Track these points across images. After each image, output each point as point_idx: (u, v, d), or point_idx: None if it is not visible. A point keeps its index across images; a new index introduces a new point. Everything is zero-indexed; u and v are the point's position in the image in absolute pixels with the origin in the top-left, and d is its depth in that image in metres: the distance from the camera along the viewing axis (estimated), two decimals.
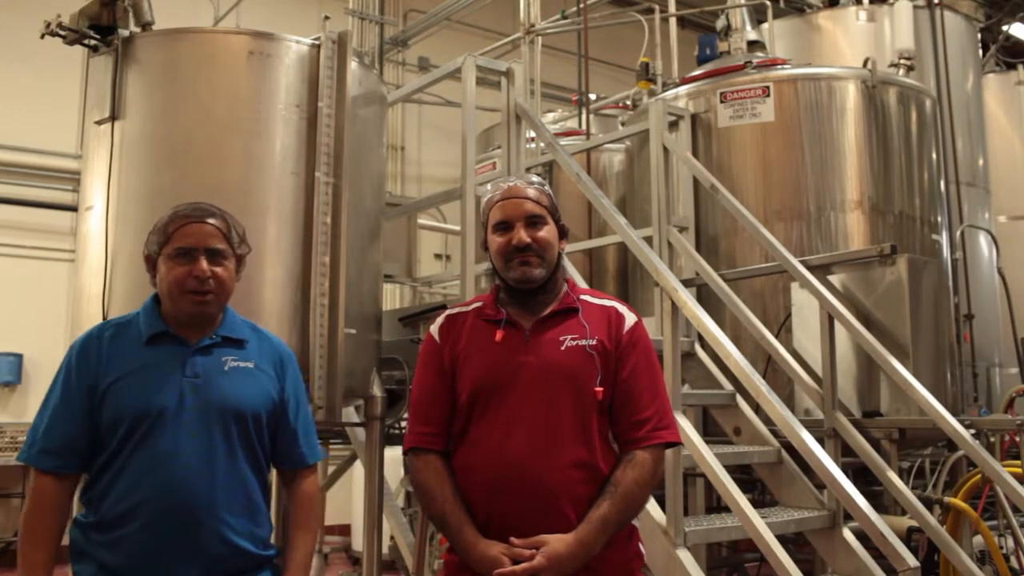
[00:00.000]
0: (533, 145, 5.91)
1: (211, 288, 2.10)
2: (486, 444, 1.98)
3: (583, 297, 2.14)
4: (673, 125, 5.13)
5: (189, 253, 2.09)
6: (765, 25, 6.75)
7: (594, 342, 2.04)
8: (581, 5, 7.40)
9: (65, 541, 2.09)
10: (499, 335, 2.04)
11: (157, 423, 2.03)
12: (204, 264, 2.09)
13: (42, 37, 3.70)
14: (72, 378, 2.09)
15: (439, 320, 2.17)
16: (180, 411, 2.05)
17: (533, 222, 2.07)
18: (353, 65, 3.81)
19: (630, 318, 2.12)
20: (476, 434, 2.00)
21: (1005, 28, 9.20)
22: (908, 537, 3.65)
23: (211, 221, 2.14)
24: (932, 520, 3.59)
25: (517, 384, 1.99)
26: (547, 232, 2.08)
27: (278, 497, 3.68)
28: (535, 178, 2.18)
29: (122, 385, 2.06)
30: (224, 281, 2.14)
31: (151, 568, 2.00)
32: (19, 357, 8.01)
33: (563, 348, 2.03)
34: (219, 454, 2.07)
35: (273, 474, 2.33)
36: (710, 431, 4.34)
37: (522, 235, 2.04)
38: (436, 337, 2.14)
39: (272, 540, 2.25)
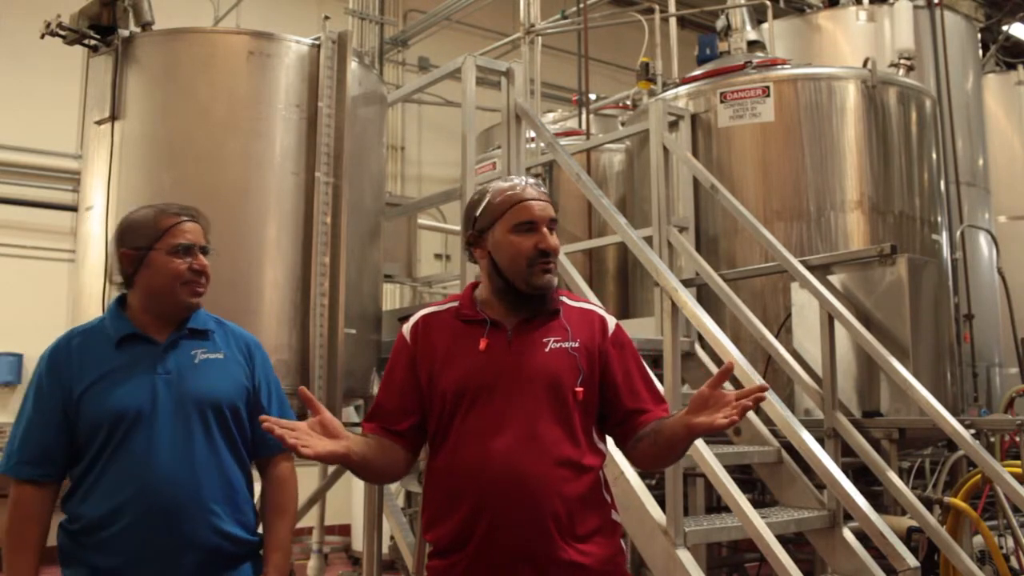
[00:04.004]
0: (533, 145, 5.91)
1: (204, 282, 2.20)
2: (472, 445, 1.97)
3: (561, 299, 2.14)
4: (673, 125, 5.13)
5: (188, 249, 2.17)
6: (765, 25, 6.76)
7: (576, 344, 2.05)
8: (581, 5, 7.40)
9: (51, 542, 2.09)
10: (483, 338, 2.02)
11: (136, 423, 2.06)
12: (203, 259, 2.19)
13: (42, 37, 3.70)
14: (44, 388, 2.11)
15: (412, 320, 2.14)
16: (156, 408, 2.08)
17: (550, 227, 2.06)
18: (353, 65, 3.82)
19: (611, 321, 2.15)
20: (460, 435, 1.99)
21: (1005, 28, 9.20)
22: (908, 537, 3.65)
23: (200, 220, 2.24)
24: (932, 520, 3.59)
25: (502, 386, 1.98)
26: (556, 239, 2.08)
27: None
28: (532, 179, 2.15)
29: (97, 389, 2.08)
30: (209, 276, 2.23)
31: (145, 564, 2.01)
32: (19, 357, 8.01)
33: (547, 350, 2.03)
34: (198, 445, 2.10)
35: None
36: None
37: (552, 241, 2.03)
38: (407, 338, 2.11)
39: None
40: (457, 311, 2.11)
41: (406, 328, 2.13)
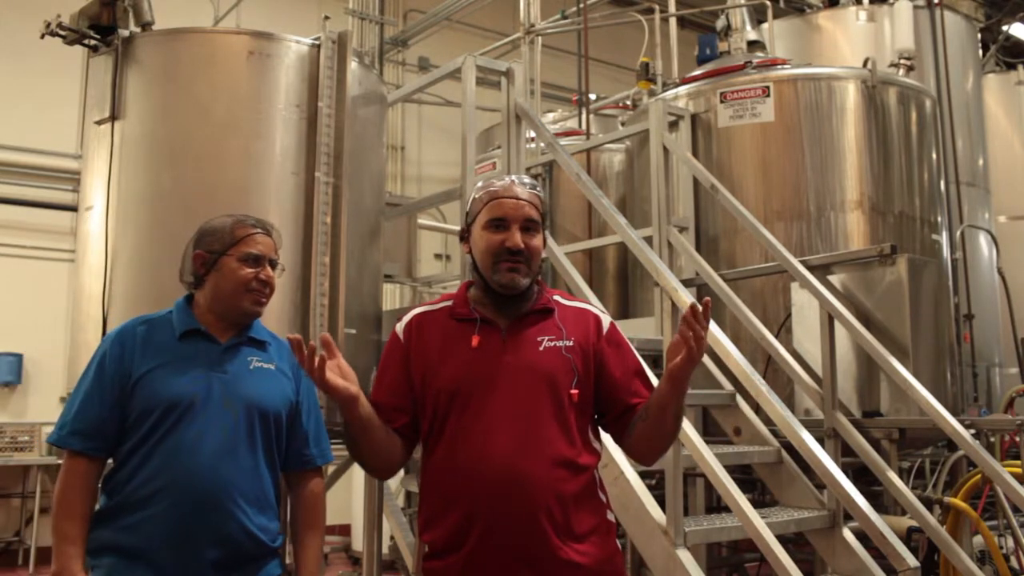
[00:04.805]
0: (533, 145, 5.91)
1: (268, 292, 2.30)
2: (468, 444, 1.96)
3: (555, 298, 2.14)
4: (673, 125, 5.13)
5: (258, 259, 2.27)
6: (765, 25, 6.76)
7: (571, 343, 2.05)
8: (581, 5, 7.41)
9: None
10: (476, 336, 2.02)
11: (186, 412, 2.14)
12: (270, 270, 2.29)
13: (42, 37, 3.70)
14: (105, 367, 2.19)
15: (405, 319, 2.14)
16: (208, 402, 2.16)
17: (527, 227, 2.04)
18: (353, 65, 3.81)
19: (606, 320, 2.15)
20: (456, 435, 1.99)
21: (1005, 28, 9.20)
22: (908, 537, 3.66)
23: (273, 235, 2.34)
24: (932, 520, 3.59)
25: (497, 384, 1.98)
26: (538, 241, 2.07)
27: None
28: (528, 179, 2.14)
29: (154, 376, 2.17)
30: (274, 288, 2.32)
31: (171, 549, 2.08)
32: (19, 357, 8.01)
33: (541, 349, 2.03)
34: (241, 446, 2.18)
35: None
36: (710, 431, 4.35)
37: (517, 239, 2.01)
38: (401, 336, 2.11)
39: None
40: (451, 310, 2.11)
41: (399, 327, 2.14)
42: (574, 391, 2.01)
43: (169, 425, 2.13)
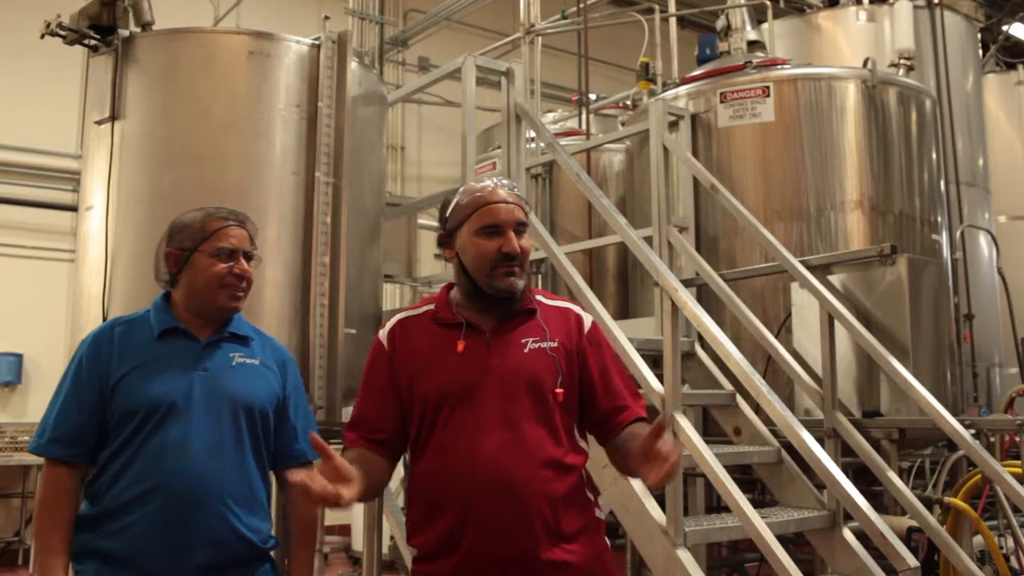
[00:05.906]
0: (533, 145, 5.91)
1: (245, 287, 2.24)
2: (457, 449, 1.96)
3: (537, 298, 2.14)
4: (673, 125, 5.13)
5: (231, 253, 2.21)
6: (765, 25, 6.76)
7: (555, 344, 2.05)
8: (581, 5, 7.41)
9: None
10: (462, 341, 2.01)
11: (169, 414, 2.10)
12: (244, 264, 2.22)
13: (42, 37, 3.70)
14: (83, 371, 2.15)
15: (388, 325, 2.12)
16: (190, 402, 2.12)
17: (518, 230, 2.04)
18: (353, 65, 3.82)
19: (587, 319, 2.15)
20: (444, 439, 1.98)
21: (1005, 28, 9.20)
22: (908, 537, 3.65)
23: (247, 226, 2.27)
24: (932, 520, 3.58)
25: (484, 388, 1.98)
26: (528, 241, 2.07)
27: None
28: (507, 180, 2.13)
29: (134, 378, 2.12)
30: (252, 281, 2.26)
31: (159, 553, 2.04)
32: (19, 357, 8.02)
33: (526, 351, 2.02)
34: (227, 444, 2.14)
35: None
36: (710, 431, 4.34)
37: (515, 244, 2.01)
38: (384, 344, 2.09)
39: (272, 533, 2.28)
40: (434, 314, 2.10)
41: (383, 333, 2.12)
42: (559, 390, 2.01)
43: (152, 427, 2.08)
